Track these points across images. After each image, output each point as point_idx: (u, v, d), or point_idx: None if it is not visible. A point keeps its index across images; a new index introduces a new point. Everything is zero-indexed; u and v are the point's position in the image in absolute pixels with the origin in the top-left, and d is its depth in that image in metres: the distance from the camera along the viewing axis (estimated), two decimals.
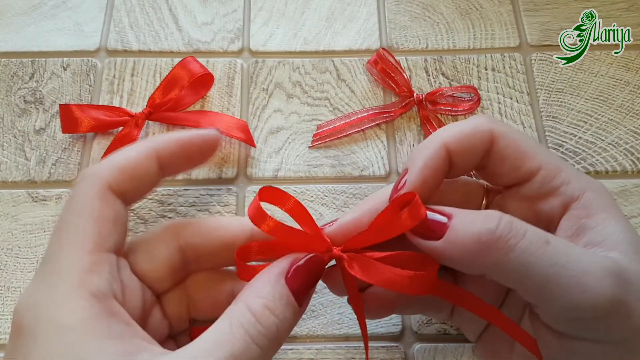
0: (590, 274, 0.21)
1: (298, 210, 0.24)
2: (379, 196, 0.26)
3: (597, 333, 0.22)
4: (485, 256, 0.21)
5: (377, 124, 0.37)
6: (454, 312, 0.28)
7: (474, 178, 0.29)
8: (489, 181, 0.27)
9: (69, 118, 0.35)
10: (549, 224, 0.25)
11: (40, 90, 0.38)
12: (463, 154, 0.24)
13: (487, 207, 0.27)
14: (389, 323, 0.31)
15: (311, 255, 0.23)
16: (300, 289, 0.22)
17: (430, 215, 0.23)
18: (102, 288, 0.21)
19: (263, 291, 0.22)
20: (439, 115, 0.37)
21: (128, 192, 0.24)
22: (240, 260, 0.24)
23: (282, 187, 0.35)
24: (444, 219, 0.22)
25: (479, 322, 0.27)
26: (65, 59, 0.39)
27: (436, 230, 0.22)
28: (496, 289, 0.26)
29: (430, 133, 0.35)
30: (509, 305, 0.26)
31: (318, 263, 0.24)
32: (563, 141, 0.36)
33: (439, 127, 0.36)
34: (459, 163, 0.25)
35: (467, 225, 0.22)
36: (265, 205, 0.24)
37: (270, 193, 0.24)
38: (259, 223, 0.23)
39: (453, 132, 0.25)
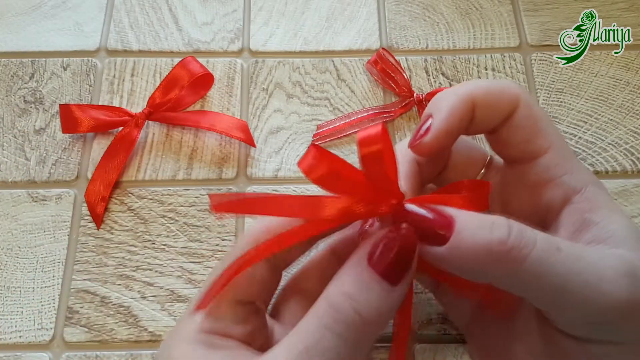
0: (605, 278, 0.20)
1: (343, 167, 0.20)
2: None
3: (615, 335, 0.21)
4: (496, 267, 0.20)
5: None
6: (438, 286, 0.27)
7: None
8: (496, 149, 0.26)
9: (69, 118, 0.35)
10: (547, 215, 0.24)
11: (40, 90, 0.38)
12: (487, 110, 0.23)
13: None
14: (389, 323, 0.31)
15: (394, 235, 0.21)
16: (389, 270, 0.20)
17: (432, 214, 0.20)
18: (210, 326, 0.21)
19: (341, 280, 0.20)
20: None
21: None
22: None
23: (282, 187, 0.36)
24: (448, 220, 0.20)
25: (465, 303, 0.26)
26: (65, 59, 0.39)
27: (441, 232, 0.20)
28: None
29: None
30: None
31: (409, 245, 0.21)
32: None
33: None
34: (481, 119, 0.24)
35: (473, 231, 0.20)
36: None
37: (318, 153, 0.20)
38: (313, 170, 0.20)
39: (482, 86, 0.24)
